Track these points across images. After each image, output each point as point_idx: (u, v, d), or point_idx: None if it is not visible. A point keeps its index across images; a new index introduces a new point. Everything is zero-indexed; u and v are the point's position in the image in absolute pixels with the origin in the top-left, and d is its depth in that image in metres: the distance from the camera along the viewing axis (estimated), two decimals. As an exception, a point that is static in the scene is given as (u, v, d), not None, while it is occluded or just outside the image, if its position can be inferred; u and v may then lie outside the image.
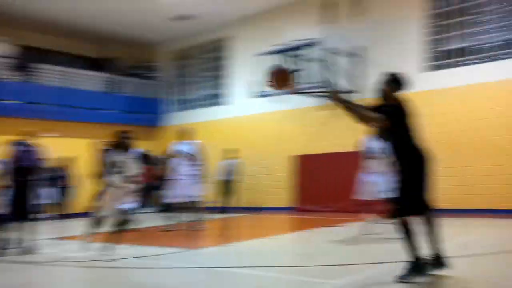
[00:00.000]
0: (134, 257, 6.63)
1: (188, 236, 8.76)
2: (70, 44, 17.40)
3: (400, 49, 12.64)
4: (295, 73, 12.17)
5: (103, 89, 16.42)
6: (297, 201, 14.00)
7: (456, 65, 12.04)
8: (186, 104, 17.77)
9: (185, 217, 9.23)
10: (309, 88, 12.15)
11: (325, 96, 13.25)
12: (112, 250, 6.58)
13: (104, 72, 16.77)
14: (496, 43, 11.54)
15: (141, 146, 17.41)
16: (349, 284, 4.78)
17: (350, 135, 13.12)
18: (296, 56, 12.29)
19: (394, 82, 4.94)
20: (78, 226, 8.43)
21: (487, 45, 11.65)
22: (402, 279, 4.51)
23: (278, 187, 14.54)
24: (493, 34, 11.59)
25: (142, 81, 17.73)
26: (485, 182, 11.20)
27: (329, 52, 12.46)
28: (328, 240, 8.00)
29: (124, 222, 6.85)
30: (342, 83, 13.12)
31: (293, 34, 13.94)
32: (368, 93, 12.84)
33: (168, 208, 10.46)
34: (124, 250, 7.51)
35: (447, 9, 12.24)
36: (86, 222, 7.29)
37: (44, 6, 14.38)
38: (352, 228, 9.16)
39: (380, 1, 13.10)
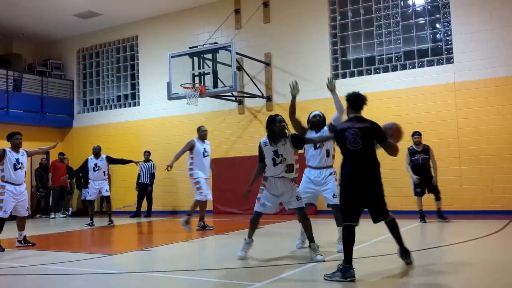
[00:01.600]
0: (49, 264, 6.50)
1: (106, 241, 8.71)
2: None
3: (308, 57, 13.14)
4: (205, 76, 12.37)
5: (7, 87, 15.63)
6: (214, 204, 14.07)
7: (360, 74, 12.72)
8: (96, 105, 17.36)
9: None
10: (219, 92, 12.43)
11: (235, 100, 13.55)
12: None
13: (8, 69, 15.98)
14: (397, 54, 12.35)
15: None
16: (271, 285, 4.84)
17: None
18: (206, 59, 12.44)
19: (351, 101, 5.42)
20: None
21: (389, 55, 12.41)
22: (327, 277, 4.88)
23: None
24: (394, 46, 12.39)
25: (49, 80, 17.09)
26: (396, 185, 11.65)
27: (239, 57, 12.77)
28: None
29: None
30: (251, 88, 13.57)
31: (203, 36, 14.18)
32: (276, 99, 13.49)
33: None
34: (39, 256, 7.39)
35: (353, 19, 12.93)
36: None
37: None
38: (271, 229, 9.52)
39: (288, 9, 13.57)
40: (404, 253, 5.43)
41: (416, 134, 9.97)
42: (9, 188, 7.87)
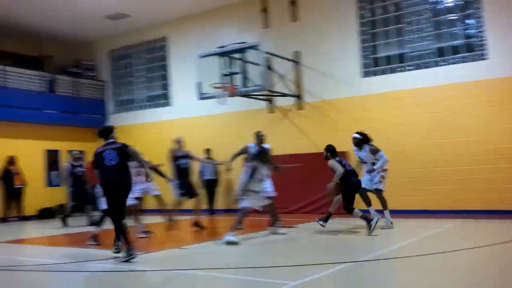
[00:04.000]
0: (87, 261, 6.71)
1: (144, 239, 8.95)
2: (4, 41, 16.91)
3: (337, 55, 13.10)
4: (234, 75, 12.43)
5: (43, 88, 16.05)
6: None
7: (392, 71, 12.59)
8: (129, 105, 17.66)
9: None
10: (249, 91, 12.48)
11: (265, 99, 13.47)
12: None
13: (43, 71, 16.39)
14: (429, 51, 12.18)
15: (84, 147, 17.29)
16: (305, 285, 4.86)
17: (293, 137, 13.69)
18: (235, 58, 12.50)
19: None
20: (31, 229, 8.40)
21: (421, 52, 12.24)
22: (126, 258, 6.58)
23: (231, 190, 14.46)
24: (427, 42, 12.21)
25: (83, 81, 17.44)
26: (425, 184, 11.71)
27: (267, 56, 12.78)
28: (279, 241, 8.27)
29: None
30: (281, 87, 13.59)
31: (232, 36, 14.20)
32: (306, 97, 13.49)
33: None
34: (78, 253, 7.60)
35: (383, 16, 12.81)
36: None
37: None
38: (305, 228, 9.54)
39: (316, 7, 13.51)
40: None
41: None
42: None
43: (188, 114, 15.62)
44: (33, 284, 5.77)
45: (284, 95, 13.44)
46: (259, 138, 9.57)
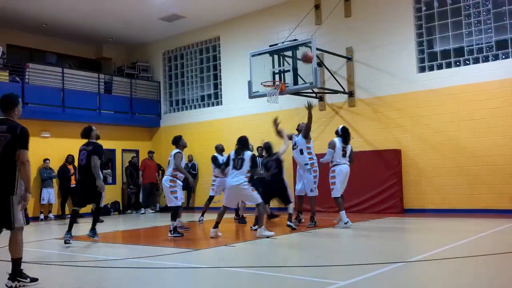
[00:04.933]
0: (140, 257, 6.82)
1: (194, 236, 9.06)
2: (65, 45, 17.61)
3: (392, 50, 12.75)
4: (285, 73, 12.31)
5: (100, 90, 16.55)
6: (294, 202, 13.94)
7: (448, 66, 12.13)
8: (182, 105, 17.93)
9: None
10: (299, 88, 12.34)
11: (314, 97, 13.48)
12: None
13: (99, 73, 16.91)
14: (489, 44, 11.63)
15: (139, 147, 17.74)
16: (354, 285, 4.75)
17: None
18: (286, 56, 12.39)
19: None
20: (83, 226, 8.74)
21: (480, 46, 11.72)
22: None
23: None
24: (486, 35, 11.68)
25: (137, 82, 17.88)
26: (487, 182, 11.20)
27: (319, 52, 12.60)
28: (327, 240, 8.20)
29: None
30: (332, 84, 13.37)
31: (283, 34, 14.14)
32: (358, 94, 13.20)
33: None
34: (131, 250, 7.75)
35: (440, 9, 12.35)
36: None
37: (39, 6, 14.45)
38: (356, 227, 9.36)
39: (370, 1, 13.17)
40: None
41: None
42: (180, 183, 9.12)
43: (239, 113, 15.67)
44: (88, 279, 5.91)
45: (335, 92, 13.20)
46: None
